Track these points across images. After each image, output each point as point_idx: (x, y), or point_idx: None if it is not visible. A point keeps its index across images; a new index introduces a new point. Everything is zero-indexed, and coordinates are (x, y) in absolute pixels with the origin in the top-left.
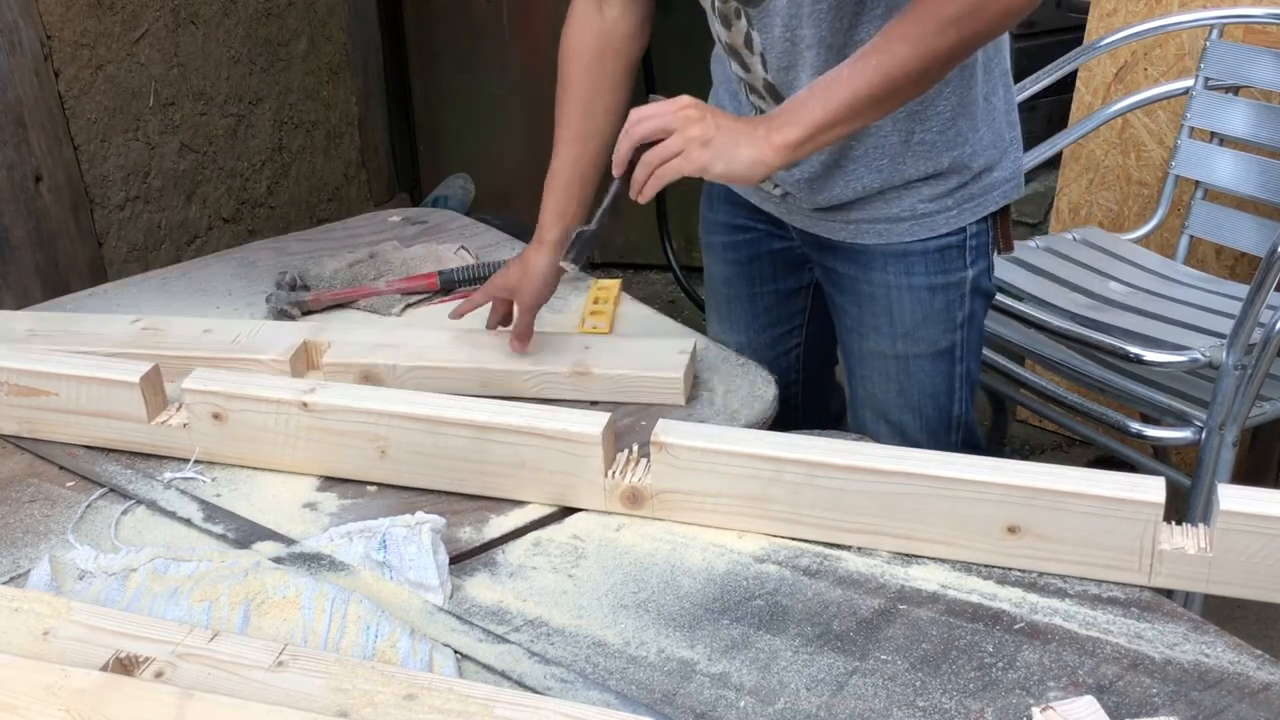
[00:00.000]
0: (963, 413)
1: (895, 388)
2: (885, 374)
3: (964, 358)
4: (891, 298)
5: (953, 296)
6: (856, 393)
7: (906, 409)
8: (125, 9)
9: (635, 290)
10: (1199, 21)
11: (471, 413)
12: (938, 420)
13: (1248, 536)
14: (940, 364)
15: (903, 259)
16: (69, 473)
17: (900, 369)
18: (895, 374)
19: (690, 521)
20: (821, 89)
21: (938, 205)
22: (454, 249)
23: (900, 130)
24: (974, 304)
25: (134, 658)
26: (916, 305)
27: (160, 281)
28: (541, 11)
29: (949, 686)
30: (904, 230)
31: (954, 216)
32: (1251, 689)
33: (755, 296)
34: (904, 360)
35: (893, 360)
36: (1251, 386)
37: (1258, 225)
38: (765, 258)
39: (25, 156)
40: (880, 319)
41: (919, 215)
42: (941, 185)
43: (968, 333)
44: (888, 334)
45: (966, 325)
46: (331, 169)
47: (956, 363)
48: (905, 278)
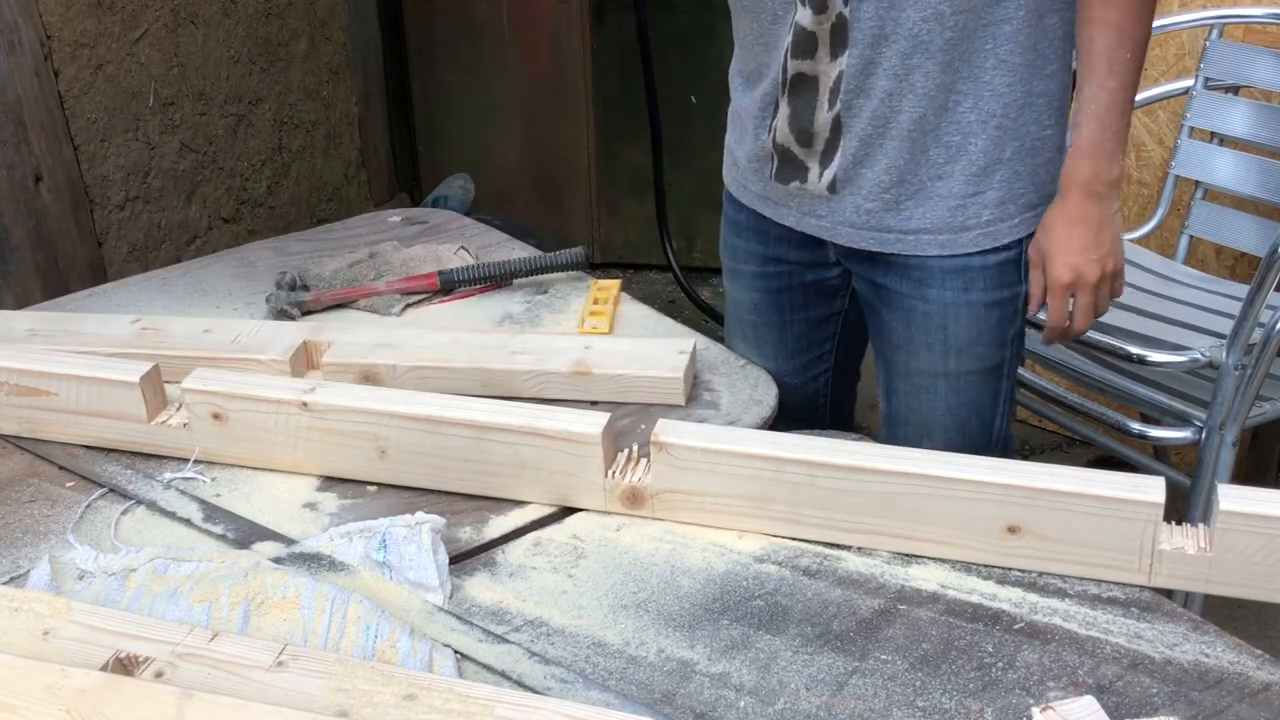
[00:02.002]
0: (1003, 427)
1: (943, 406)
2: (933, 392)
3: (1009, 374)
4: (948, 315)
5: (1006, 312)
6: (897, 409)
7: (953, 427)
8: (125, 9)
9: (635, 290)
10: (1199, 21)
11: (471, 413)
12: (980, 436)
13: (1248, 536)
14: (989, 380)
15: (962, 274)
16: (69, 473)
17: (950, 387)
18: (944, 392)
19: (690, 521)
20: (1107, 111)
21: (1001, 212)
22: (454, 249)
23: (991, 149)
24: (1022, 319)
25: (134, 658)
26: (973, 322)
27: (160, 281)
28: (541, 11)
29: (949, 686)
30: (968, 241)
31: (1015, 226)
32: (1251, 689)
33: (785, 325)
34: (954, 378)
35: (942, 379)
36: (1251, 386)
37: (1258, 225)
38: (799, 289)
39: (25, 156)
40: (933, 336)
41: (984, 223)
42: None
43: (1016, 348)
44: (940, 352)
45: (1015, 341)
46: (331, 169)
47: (1003, 379)
48: (964, 294)
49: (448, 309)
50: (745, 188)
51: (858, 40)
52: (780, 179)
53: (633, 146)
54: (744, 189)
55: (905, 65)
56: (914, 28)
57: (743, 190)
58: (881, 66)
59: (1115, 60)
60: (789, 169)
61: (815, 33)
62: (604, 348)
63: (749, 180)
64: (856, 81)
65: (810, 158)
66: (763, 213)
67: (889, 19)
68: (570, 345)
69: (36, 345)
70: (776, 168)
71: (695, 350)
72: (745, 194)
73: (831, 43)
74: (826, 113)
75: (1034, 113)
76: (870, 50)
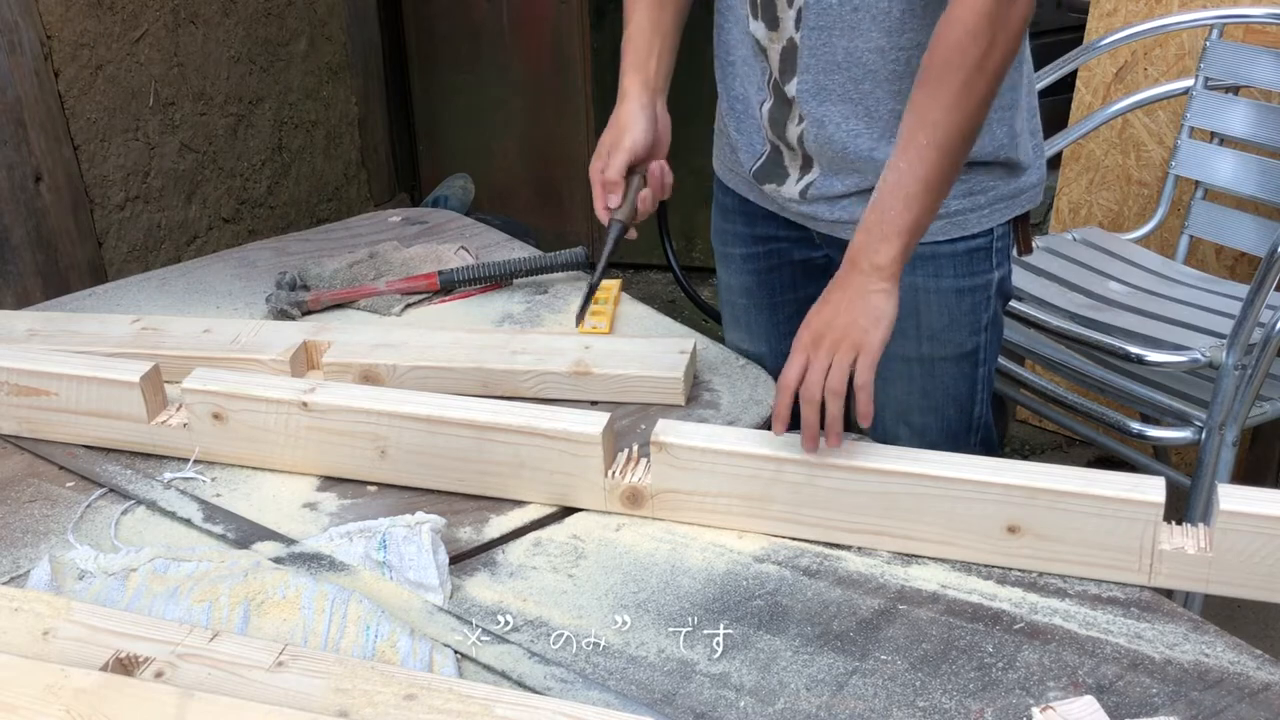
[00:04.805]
0: (982, 414)
1: (919, 391)
2: (909, 377)
3: (986, 360)
4: (919, 300)
5: (979, 299)
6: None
7: (929, 411)
8: (125, 9)
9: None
10: (1199, 21)
11: (471, 413)
12: (959, 422)
13: (1248, 536)
14: (964, 367)
15: (931, 261)
16: (69, 473)
17: (924, 372)
18: (919, 377)
19: (690, 521)
20: (890, 193)
21: (970, 203)
22: (454, 249)
23: None
24: (996, 306)
25: (134, 658)
26: (944, 308)
27: (160, 281)
28: (541, 11)
29: (949, 686)
30: (936, 229)
31: (985, 216)
32: (1251, 689)
33: (776, 305)
34: (928, 363)
35: (917, 364)
36: (1251, 386)
37: (1258, 225)
38: (786, 268)
39: (25, 156)
40: (905, 322)
41: (950, 213)
42: (975, 182)
43: (991, 335)
44: (913, 337)
45: (990, 328)
46: (331, 169)
47: (979, 365)
48: (934, 280)
49: (448, 309)
50: (732, 171)
51: (809, 66)
52: (759, 178)
53: None
54: (730, 173)
55: (859, 90)
56: (862, 57)
57: (730, 174)
58: (835, 91)
59: (911, 143)
60: (768, 168)
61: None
62: (604, 348)
63: (736, 163)
64: (813, 103)
65: (792, 162)
66: (748, 197)
67: (839, 48)
68: (570, 345)
69: (36, 345)
70: (758, 166)
71: (695, 350)
72: (732, 178)
73: (781, 66)
74: (796, 126)
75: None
76: (823, 76)
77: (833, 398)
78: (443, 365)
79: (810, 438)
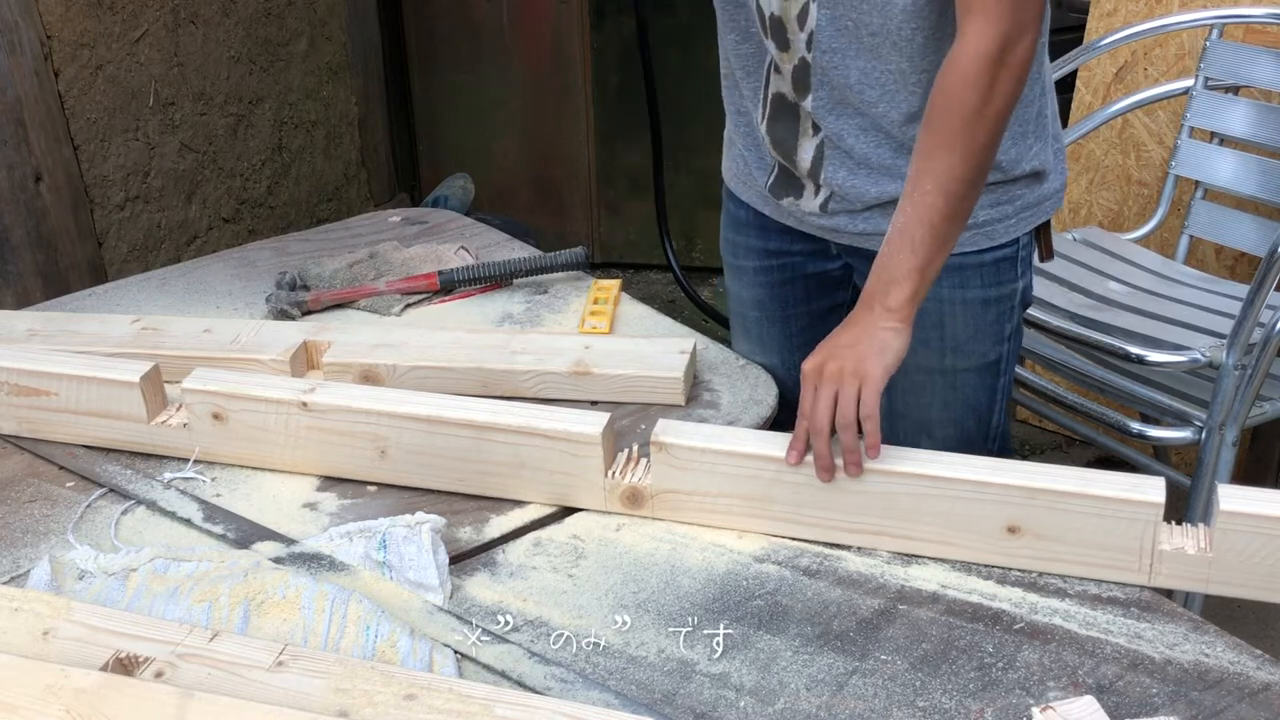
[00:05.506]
0: (1000, 423)
1: (939, 402)
2: (930, 388)
3: (1006, 370)
4: (944, 312)
5: (1004, 309)
6: (894, 405)
7: (950, 423)
8: (125, 9)
9: (635, 290)
10: (1199, 21)
11: (471, 413)
12: (977, 432)
13: (1248, 536)
14: (985, 377)
15: (958, 272)
16: (69, 473)
17: (946, 383)
18: (941, 388)
19: (690, 521)
20: (898, 237)
21: (998, 213)
22: (454, 249)
23: None
24: (1019, 315)
25: (134, 658)
26: (969, 319)
27: (160, 281)
28: (541, 11)
29: (949, 686)
30: (965, 240)
31: (1012, 225)
32: (1251, 689)
33: (789, 319)
34: (951, 375)
35: (940, 375)
36: (1251, 386)
37: (1258, 225)
38: (800, 281)
39: (25, 156)
40: (930, 333)
41: (979, 224)
42: (1003, 192)
43: (1013, 345)
44: (936, 348)
45: (1013, 337)
46: (331, 169)
47: (1000, 375)
48: (960, 291)
49: (448, 309)
50: (745, 184)
51: (823, 83)
52: (774, 193)
53: (632, 146)
54: (744, 185)
55: (874, 110)
56: (880, 78)
57: (743, 187)
58: (851, 105)
59: (916, 188)
60: (783, 183)
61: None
62: (604, 348)
63: (749, 177)
64: (830, 118)
65: (806, 176)
66: (762, 210)
67: (854, 69)
68: (570, 345)
69: (36, 345)
70: (772, 181)
71: (695, 350)
72: (745, 191)
73: (794, 83)
74: (811, 138)
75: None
76: (837, 93)
77: (844, 430)
78: (443, 365)
79: (823, 468)
